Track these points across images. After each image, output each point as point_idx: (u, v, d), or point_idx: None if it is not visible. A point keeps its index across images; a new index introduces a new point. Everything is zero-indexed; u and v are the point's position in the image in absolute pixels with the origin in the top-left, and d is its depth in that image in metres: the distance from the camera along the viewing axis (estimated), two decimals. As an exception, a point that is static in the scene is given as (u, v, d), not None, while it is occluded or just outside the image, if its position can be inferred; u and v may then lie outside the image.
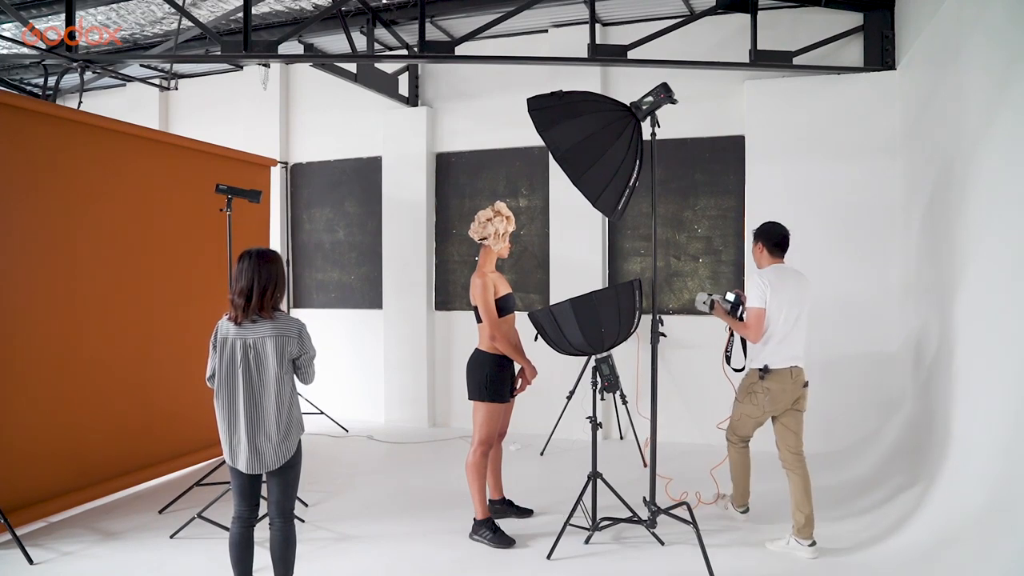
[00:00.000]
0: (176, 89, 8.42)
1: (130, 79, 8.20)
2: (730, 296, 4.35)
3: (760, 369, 4.04)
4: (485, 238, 4.27)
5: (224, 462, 4.97)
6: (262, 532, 3.36)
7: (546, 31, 6.89)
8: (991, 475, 3.47)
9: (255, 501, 3.29)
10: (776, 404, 4.05)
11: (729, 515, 4.50)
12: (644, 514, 4.09)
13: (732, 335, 4.50)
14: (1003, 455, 3.39)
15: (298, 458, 3.27)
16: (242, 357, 3.14)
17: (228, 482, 4.38)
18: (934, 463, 4.23)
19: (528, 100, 3.89)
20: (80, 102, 6.61)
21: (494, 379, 4.18)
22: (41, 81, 7.55)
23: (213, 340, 3.22)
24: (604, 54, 5.75)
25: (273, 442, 3.16)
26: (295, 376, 3.28)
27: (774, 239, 4.17)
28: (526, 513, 4.65)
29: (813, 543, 3.90)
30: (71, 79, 7.86)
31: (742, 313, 4.19)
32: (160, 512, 4.74)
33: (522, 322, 4.27)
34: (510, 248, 4.39)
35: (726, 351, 4.53)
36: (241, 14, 5.73)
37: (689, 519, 3.86)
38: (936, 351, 4.67)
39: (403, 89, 7.35)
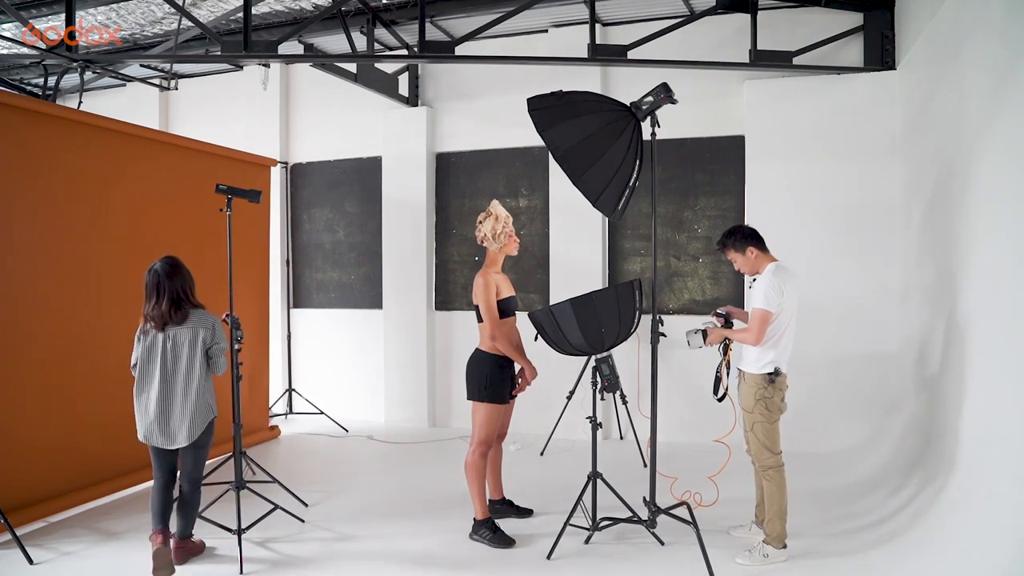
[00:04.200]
0: (176, 89, 8.42)
1: (130, 79, 8.20)
2: (714, 320, 4.12)
3: (771, 373, 3.84)
4: (483, 240, 4.28)
5: (224, 463, 5.02)
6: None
7: (546, 31, 6.89)
8: (994, 476, 3.47)
9: (171, 470, 3.85)
10: (782, 403, 3.95)
11: (730, 517, 4.47)
12: (644, 514, 4.10)
13: (721, 364, 4.11)
14: (1006, 454, 3.39)
15: (207, 438, 3.81)
16: (161, 347, 3.67)
17: (229, 482, 4.41)
18: (937, 464, 4.23)
19: (528, 100, 3.89)
20: (80, 102, 6.60)
21: (494, 379, 4.18)
22: (41, 81, 7.55)
23: (138, 333, 3.76)
24: (604, 54, 5.75)
25: (183, 423, 3.67)
26: (208, 365, 3.78)
27: (758, 237, 4.01)
28: (526, 513, 4.65)
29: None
30: (71, 79, 7.86)
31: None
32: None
33: (522, 322, 4.27)
34: (517, 243, 4.37)
35: (720, 380, 4.10)
36: (241, 14, 5.72)
37: (689, 519, 3.86)
38: (937, 351, 4.67)
39: (403, 89, 7.35)
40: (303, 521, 4.59)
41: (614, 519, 4.17)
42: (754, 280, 4.02)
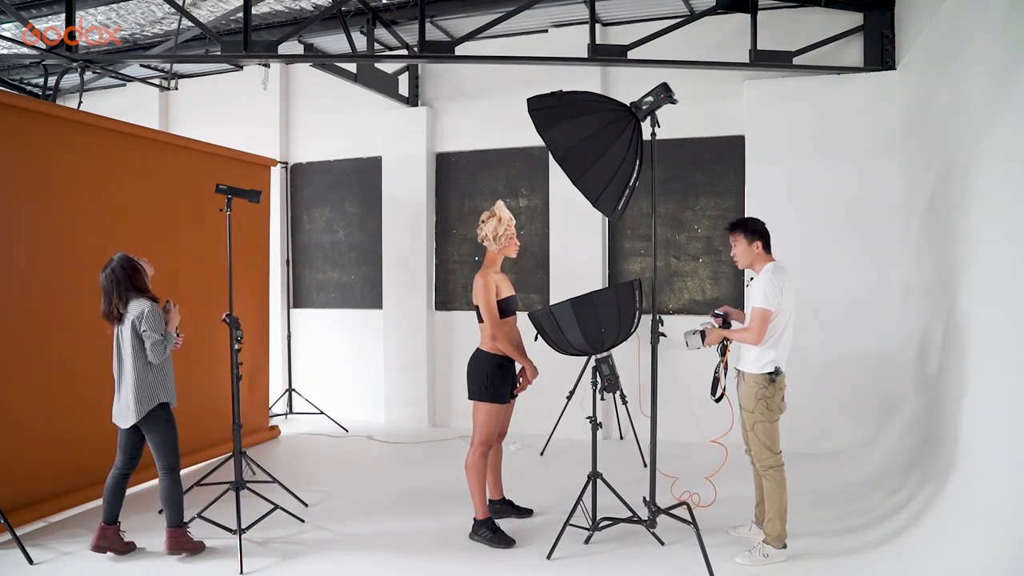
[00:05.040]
0: (176, 89, 8.42)
1: (130, 79, 8.20)
2: (712, 321, 4.13)
3: (771, 373, 3.84)
4: (483, 240, 4.27)
5: (224, 463, 5.07)
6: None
7: (546, 31, 6.89)
8: (994, 476, 3.47)
9: (127, 455, 4.09)
10: (782, 403, 3.96)
11: (730, 517, 4.47)
12: (644, 514, 4.10)
13: (720, 365, 4.09)
14: (1006, 454, 3.39)
15: (154, 424, 3.97)
16: (116, 340, 4.00)
17: (229, 482, 4.43)
18: (936, 464, 4.23)
19: (528, 100, 3.89)
20: (80, 102, 6.60)
21: (495, 379, 4.18)
22: (41, 81, 7.55)
23: None
24: (604, 54, 5.75)
25: (125, 405, 3.95)
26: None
27: (768, 237, 4.00)
28: (526, 513, 4.65)
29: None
30: (71, 79, 7.86)
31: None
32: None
33: (522, 322, 4.27)
34: (517, 246, 4.37)
35: (718, 380, 4.08)
36: (241, 14, 5.72)
37: (689, 519, 3.86)
38: (937, 351, 4.67)
39: (403, 89, 7.35)
40: (303, 521, 4.59)
41: (614, 519, 4.17)
42: (751, 279, 4.03)
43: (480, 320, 4.22)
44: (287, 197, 8.01)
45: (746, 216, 4.08)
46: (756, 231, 3.97)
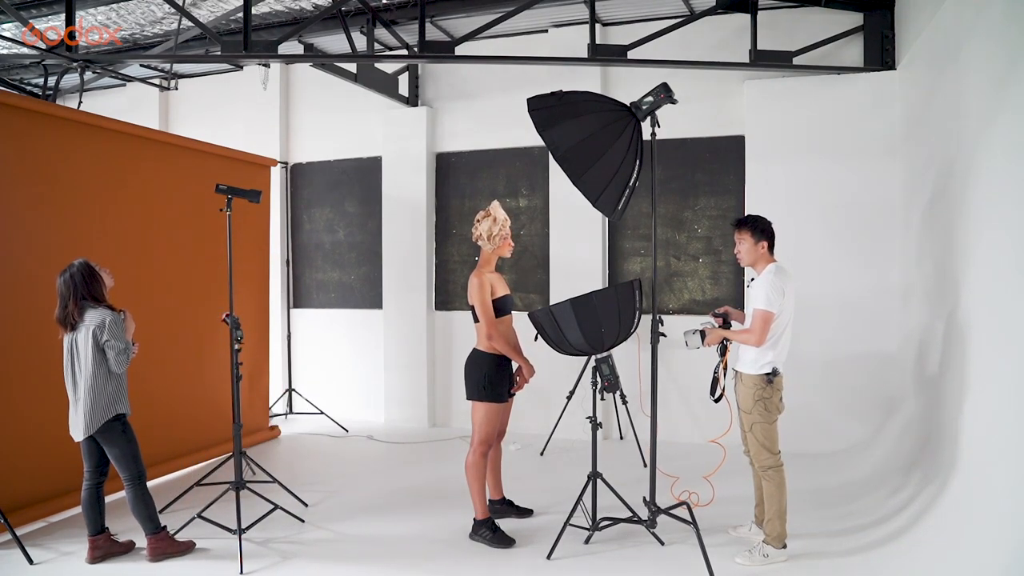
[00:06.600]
0: (176, 89, 8.42)
1: (130, 79, 8.20)
2: (712, 321, 4.13)
3: (769, 374, 3.84)
4: (478, 239, 4.28)
5: (224, 463, 5.05)
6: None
7: (546, 31, 6.89)
8: (994, 476, 3.47)
9: (93, 464, 4.01)
10: (780, 403, 3.96)
11: (730, 517, 4.47)
12: (644, 514, 4.10)
13: (719, 365, 4.08)
14: (1006, 454, 3.39)
15: (111, 436, 3.91)
16: (69, 347, 3.89)
17: (229, 482, 4.43)
18: (937, 464, 4.23)
19: (528, 100, 3.89)
20: (80, 102, 6.60)
21: (492, 379, 4.18)
22: (41, 81, 7.55)
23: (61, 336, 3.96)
24: (604, 54, 5.75)
25: (81, 415, 3.85)
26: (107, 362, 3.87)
27: (774, 239, 4.00)
28: (526, 513, 4.66)
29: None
30: (71, 79, 7.86)
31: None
32: (160, 512, 4.73)
33: (522, 322, 4.27)
34: (512, 246, 4.37)
35: (718, 380, 4.07)
36: (241, 14, 5.73)
37: (689, 519, 3.86)
38: (937, 351, 4.67)
39: (403, 89, 7.35)
40: (303, 521, 4.59)
41: (614, 519, 4.17)
42: (752, 280, 4.02)
43: (476, 320, 4.22)
44: (287, 197, 8.01)
45: (754, 214, 4.05)
46: (764, 231, 3.95)
